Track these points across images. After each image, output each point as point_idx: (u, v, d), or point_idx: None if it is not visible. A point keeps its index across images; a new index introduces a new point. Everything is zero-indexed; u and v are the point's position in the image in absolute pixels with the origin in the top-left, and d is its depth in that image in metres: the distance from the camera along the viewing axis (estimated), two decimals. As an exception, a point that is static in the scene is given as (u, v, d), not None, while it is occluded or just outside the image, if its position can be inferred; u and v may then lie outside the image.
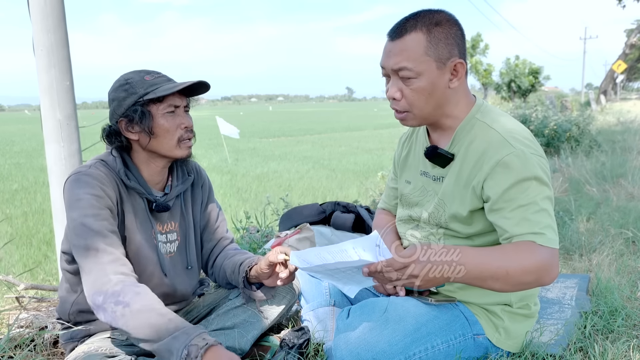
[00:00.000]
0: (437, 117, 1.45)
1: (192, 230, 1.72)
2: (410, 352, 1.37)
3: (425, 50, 1.35)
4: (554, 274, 1.29)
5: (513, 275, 1.26)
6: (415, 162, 1.61)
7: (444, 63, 1.37)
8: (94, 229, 1.40)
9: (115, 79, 1.56)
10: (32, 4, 2.12)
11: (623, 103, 28.95)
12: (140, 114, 1.49)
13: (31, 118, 47.40)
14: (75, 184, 1.45)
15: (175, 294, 1.67)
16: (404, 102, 1.41)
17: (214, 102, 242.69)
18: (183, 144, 1.57)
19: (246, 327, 1.68)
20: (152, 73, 1.55)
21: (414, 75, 1.36)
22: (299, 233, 2.59)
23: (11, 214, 5.77)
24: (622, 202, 3.87)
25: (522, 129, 1.42)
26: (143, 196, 1.57)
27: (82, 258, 1.40)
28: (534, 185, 1.31)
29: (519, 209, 1.32)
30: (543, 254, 1.28)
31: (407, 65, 1.36)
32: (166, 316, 1.31)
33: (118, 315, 1.31)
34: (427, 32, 1.35)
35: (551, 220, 1.32)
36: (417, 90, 1.38)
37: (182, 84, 1.52)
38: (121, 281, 1.36)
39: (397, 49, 1.38)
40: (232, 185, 7.46)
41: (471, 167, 1.40)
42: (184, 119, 1.56)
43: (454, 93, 1.42)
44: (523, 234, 1.30)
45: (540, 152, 1.39)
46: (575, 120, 8.54)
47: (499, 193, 1.34)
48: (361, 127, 22.92)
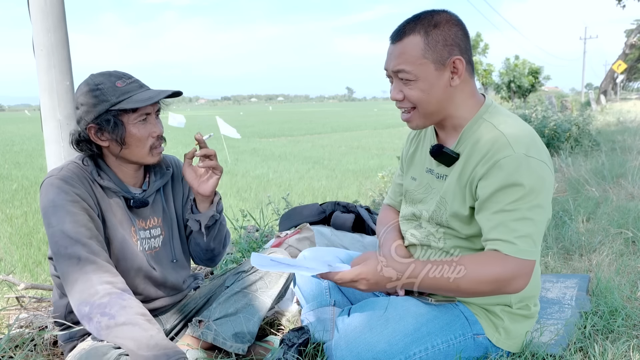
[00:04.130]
0: (442, 116, 1.45)
1: (175, 223, 1.73)
2: (410, 351, 1.37)
3: (423, 53, 1.35)
4: (519, 285, 1.32)
5: (465, 288, 1.32)
6: (421, 159, 1.61)
7: (442, 64, 1.37)
8: (73, 237, 1.40)
9: (83, 81, 1.52)
10: (32, 4, 2.12)
11: (623, 103, 28.95)
12: (112, 124, 1.46)
13: (31, 118, 47.40)
14: (49, 188, 1.44)
15: (165, 286, 1.67)
16: (407, 102, 1.42)
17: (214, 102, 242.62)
18: (155, 151, 1.56)
19: (249, 310, 1.69)
20: (123, 78, 1.50)
21: (413, 78, 1.37)
22: (299, 233, 2.59)
23: (11, 214, 5.77)
24: (621, 202, 3.87)
25: (528, 132, 1.40)
26: (119, 194, 1.56)
27: (65, 267, 1.40)
28: (523, 192, 1.31)
29: (500, 213, 1.32)
30: (505, 265, 1.30)
31: (405, 68, 1.37)
32: (148, 332, 1.32)
33: (103, 326, 1.33)
34: (425, 35, 1.35)
35: (534, 230, 1.31)
36: (417, 91, 1.38)
37: (156, 94, 1.49)
38: (108, 293, 1.36)
39: (396, 51, 1.39)
40: (232, 185, 7.46)
41: (473, 167, 1.40)
42: (155, 127, 1.55)
43: (458, 92, 1.42)
44: (494, 239, 1.32)
45: (544, 157, 1.37)
46: (575, 120, 8.54)
47: (487, 194, 1.35)
48: (361, 127, 22.92)
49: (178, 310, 1.77)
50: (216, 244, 1.74)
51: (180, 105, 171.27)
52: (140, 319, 1.35)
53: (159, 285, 1.65)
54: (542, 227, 1.36)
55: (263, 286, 1.76)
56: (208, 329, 1.62)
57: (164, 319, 1.73)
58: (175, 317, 1.76)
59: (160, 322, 1.71)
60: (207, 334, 1.62)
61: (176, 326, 1.76)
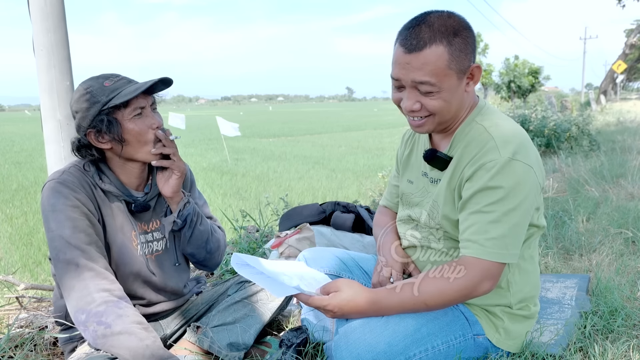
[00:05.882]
0: (452, 120, 1.43)
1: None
2: (410, 352, 1.37)
3: (448, 64, 1.30)
4: (485, 288, 1.35)
5: (433, 305, 1.37)
6: (417, 162, 1.61)
7: (464, 73, 1.35)
8: (72, 242, 1.39)
9: (75, 89, 1.51)
10: (32, 4, 2.12)
11: (623, 103, 28.95)
12: (107, 123, 1.44)
13: (31, 118, 47.39)
14: (50, 192, 1.44)
15: (165, 290, 1.67)
16: (424, 111, 1.38)
17: (214, 102, 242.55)
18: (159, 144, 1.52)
19: (248, 321, 1.68)
20: (110, 77, 1.48)
21: (436, 90, 1.33)
22: (299, 233, 2.59)
23: (11, 214, 5.77)
24: (621, 202, 3.87)
25: (519, 134, 1.39)
26: (121, 198, 1.55)
27: (63, 273, 1.40)
28: (502, 195, 1.31)
29: (477, 214, 1.34)
30: (471, 271, 1.32)
31: (430, 80, 1.31)
32: (144, 341, 1.32)
33: (99, 334, 1.33)
34: (448, 45, 1.29)
35: (507, 233, 1.32)
36: (439, 101, 1.35)
37: (144, 84, 1.46)
38: (105, 302, 1.36)
39: (417, 62, 1.30)
40: (232, 185, 7.46)
41: (461, 169, 1.40)
42: (152, 119, 1.51)
43: (468, 96, 1.42)
44: (466, 239, 1.35)
45: (531, 160, 1.35)
46: (574, 120, 8.54)
47: (469, 195, 1.36)
48: (361, 127, 22.91)
49: (179, 315, 1.76)
50: (194, 249, 1.68)
51: (180, 105, 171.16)
52: (137, 328, 1.35)
53: (158, 290, 1.64)
54: (520, 230, 1.35)
55: (264, 298, 1.75)
56: (205, 336, 1.62)
57: (165, 324, 1.72)
58: (176, 322, 1.75)
59: (160, 327, 1.71)
60: (203, 341, 1.61)
61: (177, 331, 1.75)
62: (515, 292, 1.48)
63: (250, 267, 1.39)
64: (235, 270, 1.37)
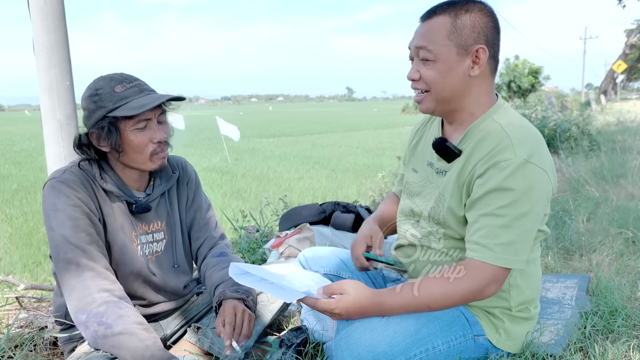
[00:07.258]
0: (454, 106, 1.43)
1: (178, 228, 1.70)
2: (411, 352, 1.37)
3: (448, 34, 1.34)
4: (490, 291, 1.35)
5: (437, 307, 1.37)
6: (423, 151, 1.60)
7: (465, 50, 1.35)
8: (73, 242, 1.39)
9: (88, 85, 1.48)
10: (32, 4, 2.12)
11: (623, 103, 28.95)
12: (107, 130, 1.43)
13: (31, 118, 47.39)
14: (51, 191, 1.43)
15: (165, 290, 1.66)
16: (422, 83, 1.41)
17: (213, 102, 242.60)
18: (155, 157, 1.51)
19: None
20: (124, 82, 1.45)
21: (432, 58, 1.36)
22: (299, 233, 2.59)
23: (11, 214, 5.77)
24: (621, 202, 3.87)
25: (535, 137, 1.38)
26: (122, 198, 1.54)
27: (64, 272, 1.39)
28: (514, 198, 1.30)
29: (487, 217, 1.32)
30: (478, 275, 1.32)
31: (426, 45, 1.36)
32: (144, 342, 1.32)
33: (99, 335, 1.33)
34: (454, 17, 1.34)
35: (518, 238, 1.31)
36: (434, 72, 1.37)
37: (154, 100, 1.43)
38: (105, 302, 1.36)
39: (423, 30, 1.38)
40: (232, 186, 7.46)
41: (473, 165, 1.38)
42: (155, 132, 1.48)
43: (475, 86, 1.40)
44: (475, 242, 1.34)
45: (545, 164, 1.34)
46: (575, 120, 8.55)
47: (480, 193, 1.34)
48: (361, 127, 22.91)
49: (180, 315, 1.76)
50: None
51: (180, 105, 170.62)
52: (137, 328, 1.34)
53: (158, 290, 1.64)
54: (530, 236, 1.35)
55: (265, 300, 1.74)
56: (205, 336, 1.62)
57: (165, 324, 1.72)
58: (176, 322, 1.75)
59: (160, 327, 1.71)
60: (203, 341, 1.61)
61: (177, 332, 1.75)
62: (515, 295, 1.48)
63: (250, 275, 1.38)
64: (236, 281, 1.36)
